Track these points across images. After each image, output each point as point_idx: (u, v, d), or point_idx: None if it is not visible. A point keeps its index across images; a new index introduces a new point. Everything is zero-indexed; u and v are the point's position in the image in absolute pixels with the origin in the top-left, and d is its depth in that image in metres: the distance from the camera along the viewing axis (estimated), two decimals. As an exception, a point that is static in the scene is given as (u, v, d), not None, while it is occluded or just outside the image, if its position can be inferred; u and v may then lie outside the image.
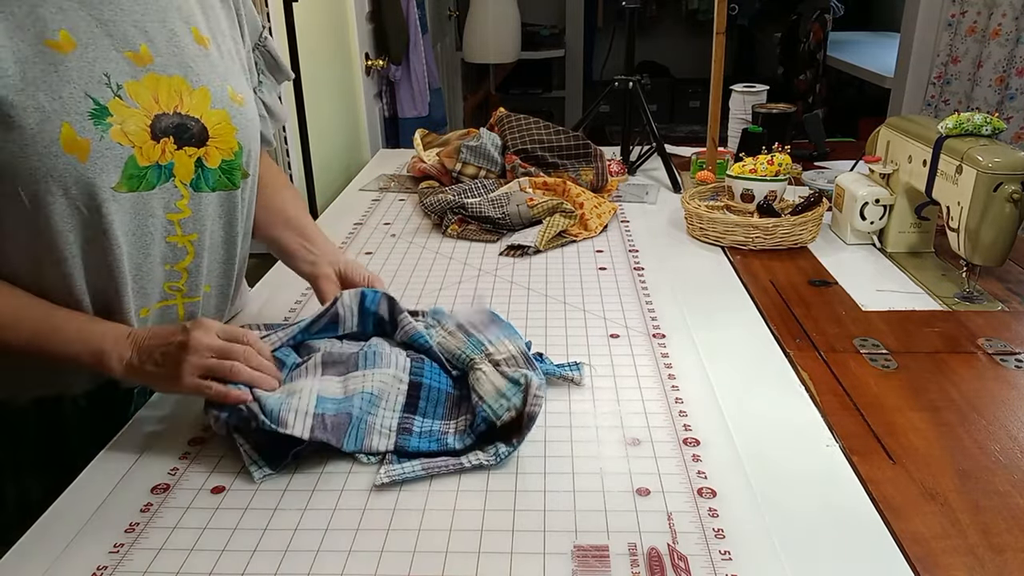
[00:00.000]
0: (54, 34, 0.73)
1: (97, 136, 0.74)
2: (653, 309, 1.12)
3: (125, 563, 0.66)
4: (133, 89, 0.78)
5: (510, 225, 1.40)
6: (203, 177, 0.85)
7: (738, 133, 1.85)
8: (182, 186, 0.83)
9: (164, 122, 0.80)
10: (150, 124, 0.79)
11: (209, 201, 0.87)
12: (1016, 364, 0.97)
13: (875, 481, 0.76)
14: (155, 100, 0.79)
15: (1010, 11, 2.59)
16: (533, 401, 0.78)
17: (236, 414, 0.77)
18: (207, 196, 0.86)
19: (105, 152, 0.75)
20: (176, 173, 0.82)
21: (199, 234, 0.87)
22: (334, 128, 2.00)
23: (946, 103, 2.77)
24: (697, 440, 0.81)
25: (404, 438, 0.79)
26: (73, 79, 0.73)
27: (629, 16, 1.77)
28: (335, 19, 2.05)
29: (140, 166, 0.78)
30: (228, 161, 0.87)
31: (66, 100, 0.73)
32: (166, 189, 0.82)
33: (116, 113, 0.76)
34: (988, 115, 1.12)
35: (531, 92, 4.74)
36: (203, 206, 0.86)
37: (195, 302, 0.91)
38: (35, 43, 0.72)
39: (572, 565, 0.65)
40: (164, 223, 0.83)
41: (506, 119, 1.70)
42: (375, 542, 0.68)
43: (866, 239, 1.35)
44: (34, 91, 0.71)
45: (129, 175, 0.78)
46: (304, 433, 0.76)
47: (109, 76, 0.76)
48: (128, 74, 0.78)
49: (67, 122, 0.73)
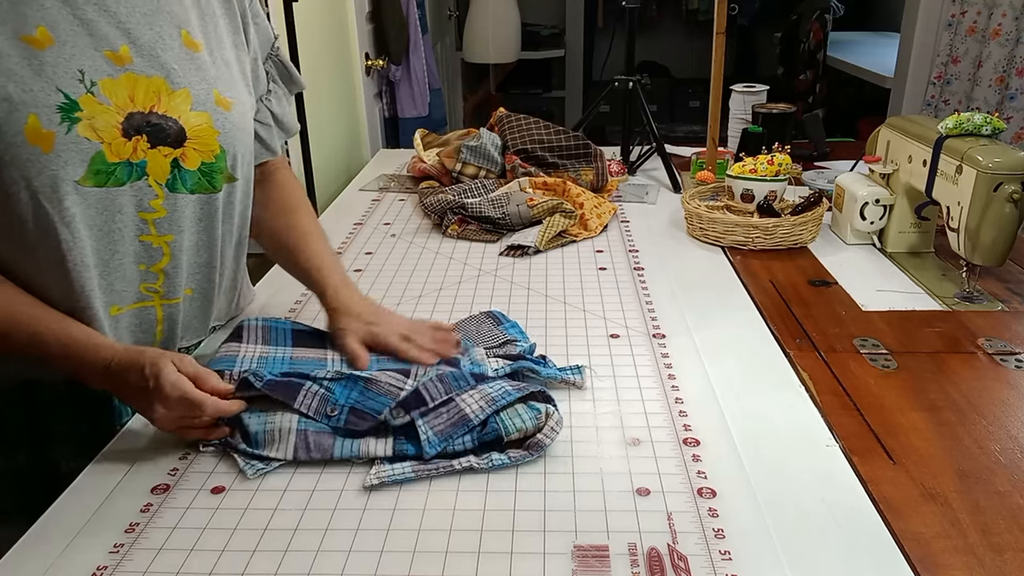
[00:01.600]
0: (32, 29, 0.74)
1: (63, 129, 0.75)
2: (653, 309, 1.12)
3: (125, 563, 0.66)
4: (108, 87, 0.78)
5: (510, 225, 1.40)
6: (180, 178, 0.85)
7: (738, 133, 1.85)
8: (156, 185, 0.83)
9: (137, 120, 0.80)
10: (122, 121, 0.79)
11: (186, 203, 0.87)
12: (1016, 364, 0.97)
13: (875, 481, 0.76)
14: (130, 99, 0.80)
15: (1010, 11, 2.59)
16: (547, 432, 0.78)
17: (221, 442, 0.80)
18: (184, 197, 0.86)
19: (70, 145, 0.76)
20: (150, 172, 0.82)
21: (175, 235, 0.87)
22: (334, 128, 2.00)
23: (946, 103, 2.77)
24: (697, 440, 0.81)
25: (401, 442, 0.79)
26: (46, 73, 0.75)
27: (629, 16, 1.77)
28: (335, 19, 2.05)
29: (108, 162, 0.79)
30: (208, 164, 0.87)
31: (36, 93, 0.74)
32: (138, 187, 0.82)
33: (86, 108, 0.77)
34: (988, 115, 1.12)
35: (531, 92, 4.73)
36: (180, 207, 0.86)
37: (174, 304, 0.91)
38: (11, 37, 0.73)
39: (572, 565, 0.65)
40: (136, 221, 0.83)
41: (506, 119, 1.70)
42: (375, 542, 0.68)
43: (866, 239, 1.35)
44: (4, 82, 0.73)
45: (96, 170, 0.78)
46: (288, 454, 0.78)
47: (84, 73, 0.77)
48: (105, 72, 0.79)
49: (34, 113, 0.74)
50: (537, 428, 0.78)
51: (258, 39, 0.99)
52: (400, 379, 0.85)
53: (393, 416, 0.79)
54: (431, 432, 0.78)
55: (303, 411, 0.80)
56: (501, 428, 0.78)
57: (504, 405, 0.79)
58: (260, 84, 1.00)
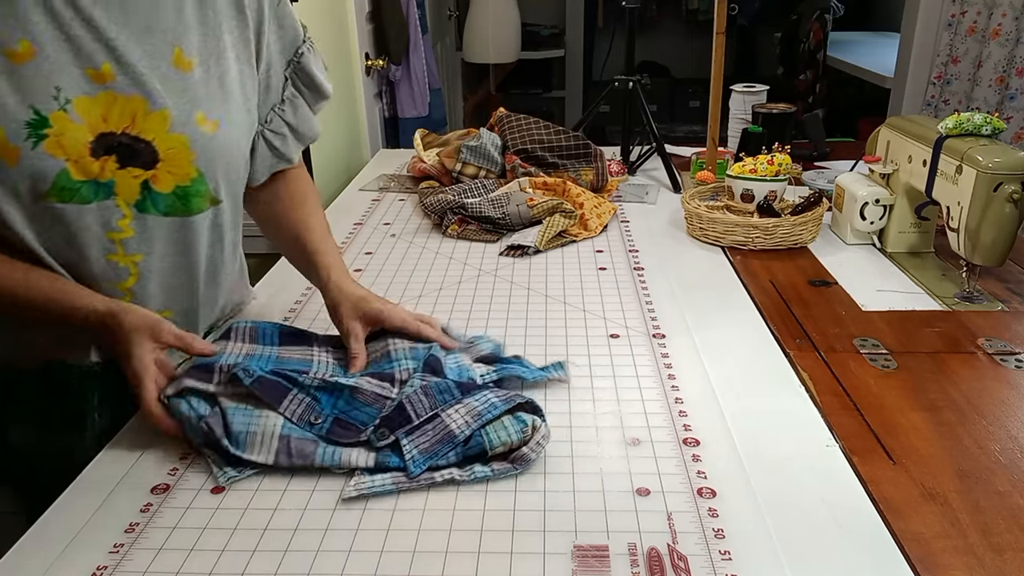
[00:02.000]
0: (15, 43, 0.75)
1: (29, 145, 0.76)
2: (653, 309, 1.12)
3: (125, 563, 0.66)
4: (83, 105, 0.78)
5: (510, 225, 1.40)
6: (151, 200, 0.84)
7: (738, 133, 1.85)
8: (124, 206, 0.83)
9: (109, 141, 0.80)
10: (92, 141, 0.79)
11: (158, 224, 0.86)
12: (1016, 364, 0.97)
13: (875, 481, 0.76)
14: (103, 118, 0.80)
15: (1010, 11, 2.59)
16: (533, 447, 0.77)
17: (203, 435, 0.78)
18: (155, 219, 0.85)
19: (35, 161, 0.76)
20: (118, 192, 0.82)
21: (145, 256, 0.86)
22: (334, 128, 2.00)
23: (946, 103, 2.77)
24: (697, 440, 0.81)
25: (385, 455, 0.78)
26: (22, 88, 0.75)
27: (629, 16, 1.77)
28: (335, 19, 2.05)
29: (73, 179, 0.79)
30: (184, 187, 0.86)
31: (8, 108, 0.75)
32: (105, 207, 0.82)
33: (56, 125, 0.77)
34: (988, 115, 1.12)
35: (531, 92, 4.73)
36: (150, 229, 0.85)
37: None
38: None
39: (572, 565, 0.65)
40: (103, 240, 0.83)
41: (506, 119, 1.70)
42: (375, 542, 0.68)
43: (866, 239, 1.35)
44: None
45: (61, 187, 0.79)
46: (269, 459, 0.77)
47: (60, 89, 0.77)
48: (82, 89, 0.78)
49: (3, 127, 0.75)
50: (523, 441, 0.77)
51: (280, 44, 0.96)
52: (386, 387, 0.83)
53: (377, 437, 0.78)
54: (416, 451, 0.77)
55: (287, 415, 0.80)
56: (486, 442, 0.77)
57: (490, 419, 0.78)
58: (273, 94, 0.97)
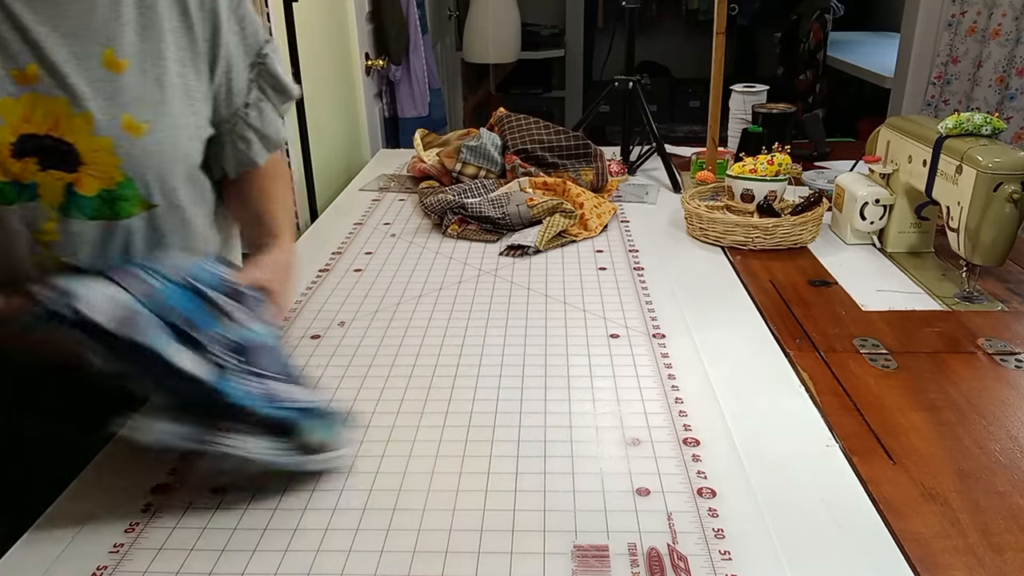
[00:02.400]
0: None
1: None
2: (653, 309, 1.12)
3: (125, 563, 0.66)
4: (6, 106, 0.78)
5: (510, 225, 1.40)
6: (75, 204, 0.83)
7: (738, 133, 1.85)
8: (49, 208, 0.82)
9: (31, 143, 0.80)
10: (13, 142, 0.79)
11: (83, 229, 0.84)
12: (1016, 364, 0.97)
13: (875, 481, 0.76)
14: (25, 119, 0.79)
15: (1010, 11, 2.59)
16: (322, 460, 0.76)
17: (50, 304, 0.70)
18: (81, 223, 0.84)
19: None
20: (42, 195, 0.81)
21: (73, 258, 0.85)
22: (334, 128, 2.00)
23: (946, 103, 2.77)
24: (697, 440, 0.81)
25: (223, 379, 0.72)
26: None
27: (629, 16, 1.77)
28: (335, 19, 2.05)
29: None
30: (109, 191, 0.84)
31: None
32: (29, 208, 0.81)
33: None
34: (988, 115, 1.12)
35: (531, 92, 4.73)
36: (74, 233, 0.84)
37: None
38: None
39: (572, 565, 0.65)
40: (30, 241, 0.83)
41: (506, 119, 1.70)
42: (375, 542, 0.68)
43: (866, 239, 1.35)
44: None
45: None
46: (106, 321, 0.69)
47: None
48: (6, 91, 0.78)
49: None
50: (326, 447, 0.76)
51: (242, 45, 0.95)
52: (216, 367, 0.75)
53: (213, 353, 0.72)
54: (240, 387, 0.72)
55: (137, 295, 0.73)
56: (304, 428, 0.75)
57: (311, 411, 0.76)
58: (237, 97, 0.95)
